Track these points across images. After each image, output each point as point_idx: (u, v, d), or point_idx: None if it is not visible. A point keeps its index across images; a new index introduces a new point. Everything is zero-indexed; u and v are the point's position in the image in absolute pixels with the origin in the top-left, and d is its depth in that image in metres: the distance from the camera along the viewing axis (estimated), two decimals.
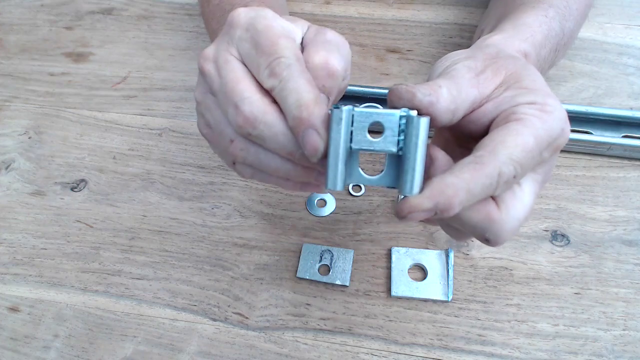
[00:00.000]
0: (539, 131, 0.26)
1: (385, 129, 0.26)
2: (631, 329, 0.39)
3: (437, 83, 0.27)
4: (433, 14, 0.60)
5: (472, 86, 0.28)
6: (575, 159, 0.47)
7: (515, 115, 0.26)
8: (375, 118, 0.26)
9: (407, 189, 0.25)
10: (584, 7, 0.44)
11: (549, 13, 0.39)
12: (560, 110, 0.27)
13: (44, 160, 0.52)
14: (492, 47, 0.32)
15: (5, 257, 0.46)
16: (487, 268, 0.42)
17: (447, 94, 0.27)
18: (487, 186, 0.25)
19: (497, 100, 0.28)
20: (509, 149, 0.25)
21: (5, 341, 0.41)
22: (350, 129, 0.26)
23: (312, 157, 0.27)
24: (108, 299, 0.43)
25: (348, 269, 0.42)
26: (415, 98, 0.26)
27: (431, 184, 0.25)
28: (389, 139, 0.26)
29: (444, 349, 0.39)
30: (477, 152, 0.25)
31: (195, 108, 0.33)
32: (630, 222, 0.44)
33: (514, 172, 0.25)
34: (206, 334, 0.41)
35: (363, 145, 0.26)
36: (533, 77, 0.29)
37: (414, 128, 0.25)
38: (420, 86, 0.27)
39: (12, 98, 0.57)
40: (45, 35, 0.63)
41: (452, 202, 0.24)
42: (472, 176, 0.24)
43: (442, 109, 0.26)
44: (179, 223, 0.46)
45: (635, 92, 0.51)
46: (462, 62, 0.29)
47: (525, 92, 0.27)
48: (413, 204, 0.25)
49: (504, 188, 0.26)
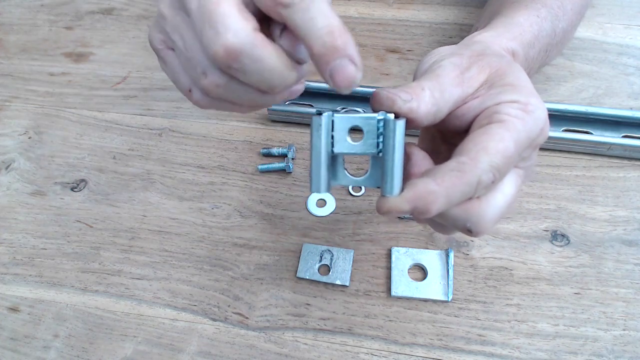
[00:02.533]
0: (520, 134, 0.26)
1: (365, 132, 0.27)
2: (631, 329, 0.39)
3: (420, 85, 0.27)
4: (433, 14, 0.60)
5: (456, 85, 0.28)
6: (575, 159, 0.47)
7: (498, 115, 0.27)
8: (354, 122, 0.27)
9: (388, 189, 0.26)
10: (579, 7, 0.44)
11: (541, 13, 0.39)
12: (541, 110, 0.27)
13: (44, 160, 0.52)
14: (479, 44, 0.33)
15: (5, 257, 0.46)
16: (487, 268, 0.42)
17: (428, 97, 0.27)
18: (466, 193, 0.26)
19: (481, 98, 0.28)
20: (490, 156, 0.25)
21: (5, 341, 0.41)
22: (331, 134, 0.27)
23: (345, 89, 0.24)
24: (108, 299, 0.43)
25: (348, 269, 0.42)
26: (395, 105, 0.26)
27: (412, 187, 0.25)
28: (369, 142, 0.27)
29: (444, 349, 0.39)
30: (460, 158, 0.26)
31: (155, 21, 0.28)
32: (630, 222, 0.44)
33: (492, 178, 0.26)
34: (206, 334, 0.41)
35: (344, 149, 0.27)
36: (517, 75, 0.29)
37: (390, 131, 0.26)
38: (401, 91, 0.27)
39: (12, 98, 0.57)
40: (45, 35, 0.63)
41: (430, 208, 0.25)
42: (452, 184, 0.25)
43: (422, 113, 0.27)
44: (179, 223, 0.46)
45: (635, 92, 0.51)
46: (448, 59, 0.29)
47: (509, 90, 0.28)
48: (392, 205, 0.26)
49: (482, 192, 0.27)
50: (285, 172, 0.48)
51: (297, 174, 0.48)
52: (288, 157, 0.48)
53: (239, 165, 0.49)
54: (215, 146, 0.51)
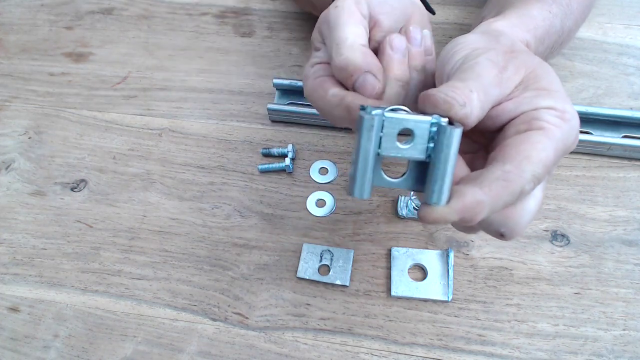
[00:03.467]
0: (559, 143, 0.26)
1: (415, 136, 0.25)
2: (631, 329, 0.39)
3: (468, 86, 0.26)
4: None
5: (495, 85, 0.27)
6: (575, 159, 0.47)
7: (537, 122, 0.27)
8: (406, 125, 0.25)
9: (435, 198, 0.25)
10: (584, 7, 0.44)
11: (552, 9, 0.39)
12: (576, 119, 0.27)
13: (44, 160, 0.52)
14: (505, 37, 0.32)
15: (5, 257, 0.46)
16: (487, 268, 0.42)
17: (477, 101, 0.26)
18: (509, 202, 0.26)
19: (517, 100, 0.28)
20: (533, 166, 0.25)
21: (5, 341, 0.41)
22: (380, 135, 0.25)
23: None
24: (108, 299, 0.43)
25: (348, 269, 0.42)
26: (452, 110, 0.25)
27: (460, 196, 0.25)
28: (418, 146, 0.25)
29: (444, 349, 0.39)
30: (505, 166, 0.25)
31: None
32: (630, 222, 0.44)
33: (533, 187, 0.26)
34: (206, 334, 0.41)
35: (391, 152, 0.26)
36: (551, 78, 0.29)
37: (446, 139, 0.24)
38: (456, 94, 0.26)
39: (12, 98, 0.57)
40: (45, 35, 0.63)
41: (476, 217, 0.25)
42: (498, 193, 0.25)
43: (473, 119, 0.26)
44: (179, 223, 0.46)
45: (635, 92, 0.51)
46: (484, 55, 0.29)
47: (545, 95, 0.28)
48: (439, 215, 0.25)
49: (521, 199, 0.27)
50: (285, 172, 0.48)
51: (297, 174, 0.48)
52: (288, 157, 0.48)
53: (239, 165, 0.49)
54: (215, 146, 0.51)
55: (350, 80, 0.30)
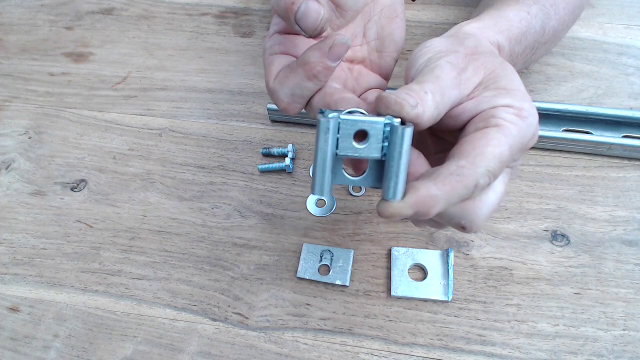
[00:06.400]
0: (514, 139, 0.27)
1: (370, 136, 0.27)
2: (631, 329, 0.39)
3: (423, 88, 0.27)
4: (433, 14, 0.60)
5: (454, 87, 0.28)
6: (575, 159, 0.47)
7: (494, 119, 0.27)
8: (361, 126, 0.27)
9: (390, 194, 0.26)
10: (573, 7, 0.44)
11: (531, 10, 0.39)
12: (534, 116, 0.28)
13: (44, 160, 0.52)
14: (471, 39, 0.33)
15: (5, 257, 0.46)
16: (487, 268, 0.42)
17: (431, 102, 0.27)
18: (464, 195, 0.27)
19: (477, 100, 0.29)
20: (487, 161, 0.26)
21: (5, 341, 0.41)
22: (336, 136, 0.27)
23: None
24: (108, 299, 0.43)
25: (348, 269, 0.42)
26: (403, 110, 0.27)
27: (414, 191, 0.26)
28: (373, 145, 0.27)
29: (444, 349, 0.39)
30: (459, 161, 0.26)
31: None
32: (630, 222, 0.44)
33: (488, 181, 0.27)
34: (206, 334, 0.41)
35: (348, 152, 0.27)
36: (510, 77, 0.29)
37: (397, 137, 0.26)
38: (408, 96, 0.27)
39: (12, 98, 0.57)
40: (45, 35, 0.63)
41: (431, 212, 0.26)
42: (452, 188, 0.26)
43: (426, 118, 0.27)
44: (179, 223, 0.46)
45: (635, 92, 0.51)
46: (444, 58, 0.29)
47: (504, 94, 0.28)
48: (395, 209, 0.26)
49: (477, 194, 0.28)
50: (285, 172, 0.48)
51: (297, 174, 0.48)
52: (288, 157, 0.48)
53: (239, 165, 0.49)
54: (215, 146, 0.51)
55: (291, 10, 0.29)
